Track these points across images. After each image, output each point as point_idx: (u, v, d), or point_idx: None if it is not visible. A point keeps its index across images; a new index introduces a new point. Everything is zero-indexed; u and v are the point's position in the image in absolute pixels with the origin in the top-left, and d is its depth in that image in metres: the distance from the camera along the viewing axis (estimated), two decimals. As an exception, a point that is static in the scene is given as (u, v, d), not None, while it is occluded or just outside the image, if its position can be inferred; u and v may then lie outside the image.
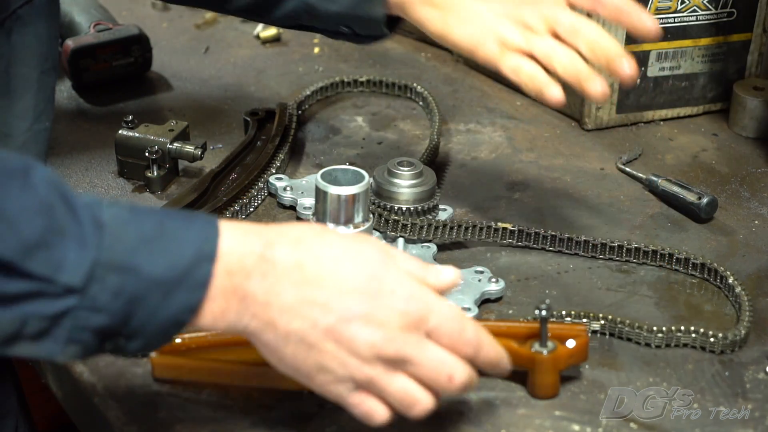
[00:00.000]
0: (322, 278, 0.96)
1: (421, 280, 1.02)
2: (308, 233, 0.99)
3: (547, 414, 1.14)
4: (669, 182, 1.48)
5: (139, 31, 1.74)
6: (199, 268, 0.93)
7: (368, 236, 1.05)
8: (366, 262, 0.98)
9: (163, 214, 0.96)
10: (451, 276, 1.04)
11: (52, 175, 0.93)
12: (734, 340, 1.22)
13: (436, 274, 1.03)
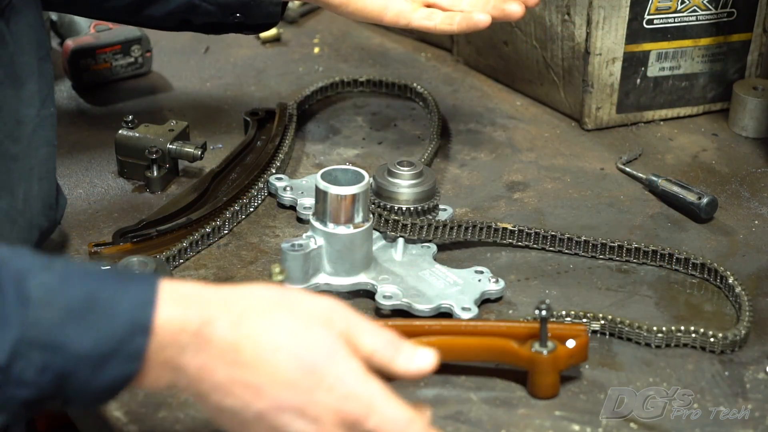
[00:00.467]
0: (258, 364, 0.91)
1: (386, 364, 0.96)
2: (255, 310, 0.93)
3: (547, 414, 1.14)
4: (669, 182, 1.48)
5: (139, 31, 1.74)
6: (132, 341, 0.90)
7: (327, 316, 0.94)
8: (308, 352, 0.92)
9: (98, 279, 0.91)
10: (426, 363, 0.97)
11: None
12: (734, 340, 1.22)
13: (406, 358, 0.96)
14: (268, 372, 0.91)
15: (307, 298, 0.96)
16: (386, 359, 0.96)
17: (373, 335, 0.96)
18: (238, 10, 1.43)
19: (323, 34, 1.93)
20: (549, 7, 1.62)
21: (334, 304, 0.97)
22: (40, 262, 0.91)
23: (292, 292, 0.97)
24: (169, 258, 1.32)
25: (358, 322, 0.96)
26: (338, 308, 0.96)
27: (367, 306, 1.29)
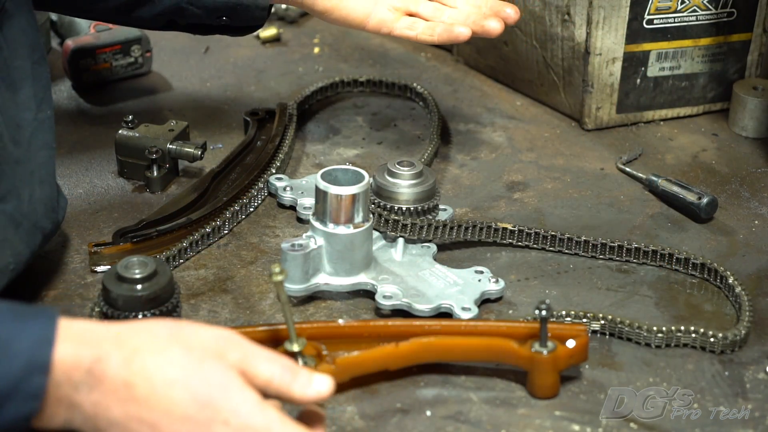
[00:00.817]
0: (152, 400, 0.92)
1: (284, 391, 0.97)
2: (148, 346, 0.94)
3: (547, 414, 1.14)
4: (669, 182, 1.48)
5: (139, 31, 1.74)
6: (31, 380, 0.90)
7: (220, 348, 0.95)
8: (202, 386, 0.93)
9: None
10: (322, 389, 0.98)
11: None
12: (734, 340, 1.22)
13: (303, 384, 0.97)
14: (163, 407, 0.92)
15: (201, 331, 0.97)
16: (284, 386, 0.97)
17: (268, 363, 0.97)
18: (225, 13, 1.44)
19: (323, 34, 1.93)
20: (549, 7, 1.62)
21: (228, 335, 0.98)
22: None
23: (186, 326, 0.98)
24: (169, 258, 1.32)
25: (252, 351, 0.97)
26: (232, 339, 0.97)
27: (367, 306, 1.29)
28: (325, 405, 1.05)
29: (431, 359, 1.18)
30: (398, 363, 1.17)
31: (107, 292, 1.20)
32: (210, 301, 1.29)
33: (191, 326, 0.98)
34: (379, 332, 1.19)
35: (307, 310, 1.28)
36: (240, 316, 1.27)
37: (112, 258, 1.32)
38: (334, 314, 1.28)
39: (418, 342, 1.16)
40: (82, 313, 1.26)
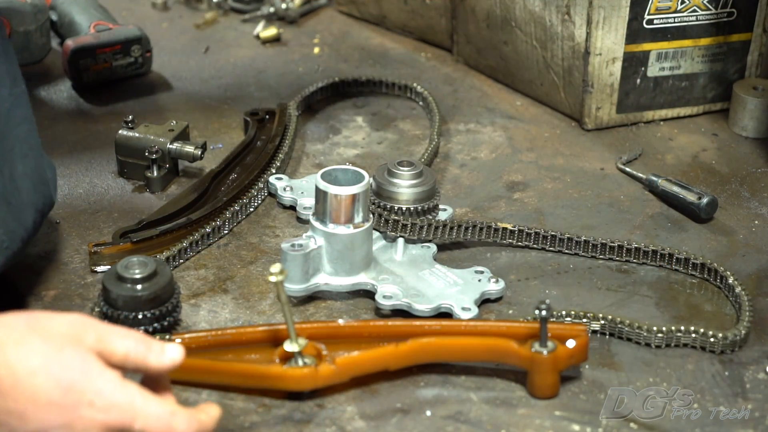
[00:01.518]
0: (17, 390, 0.95)
1: (141, 363, 1.00)
2: (7, 340, 0.96)
3: (547, 414, 1.14)
4: (669, 182, 1.48)
5: (139, 31, 1.74)
6: None
7: (76, 334, 0.98)
8: (64, 372, 0.95)
9: None
10: (174, 355, 1.01)
11: None
12: (734, 340, 1.22)
13: (157, 354, 1.01)
14: (28, 397, 0.94)
15: (56, 319, 0.99)
16: (140, 358, 1.00)
17: (122, 339, 1.00)
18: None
19: (323, 34, 1.93)
20: (549, 7, 1.62)
21: (82, 320, 1.00)
22: None
23: (41, 316, 0.99)
24: (169, 258, 1.32)
25: (106, 331, 1.00)
26: (86, 323, 0.99)
27: (367, 306, 1.29)
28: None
29: (431, 359, 1.18)
30: (398, 363, 1.17)
31: (107, 292, 1.20)
32: (210, 301, 1.29)
33: (46, 315, 1.00)
34: (379, 332, 1.19)
35: (307, 310, 1.28)
36: (240, 316, 1.27)
37: (112, 258, 1.31)
38: (334, 314, 1.28)
39: (418, 342, 1.16)
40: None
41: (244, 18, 1.97)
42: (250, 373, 1.14)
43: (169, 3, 2.02)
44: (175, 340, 1.17)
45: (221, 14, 1.99)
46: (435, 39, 1.88)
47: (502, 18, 1.70)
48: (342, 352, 1.16)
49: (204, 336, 1.18)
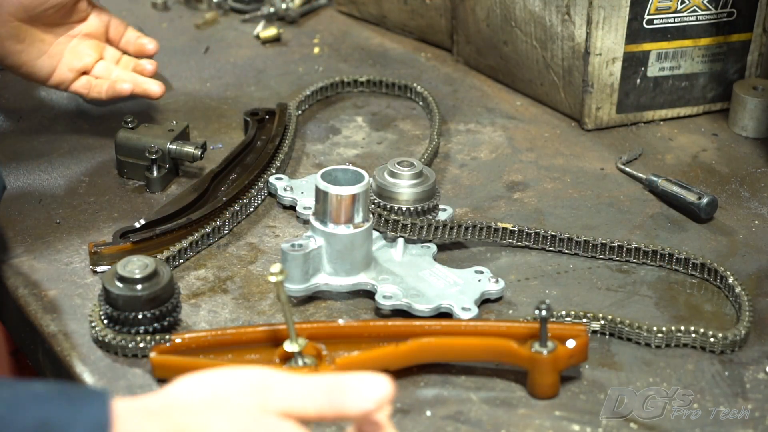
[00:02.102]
0: None
1: (339, 413, 0.92)
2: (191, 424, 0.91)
3: (547, 414, 1.14)
4: (669, 182, 1.48)
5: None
6: None
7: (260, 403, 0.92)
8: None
9: (48, 403, 0.89)
10: (377, 394, 0.92)
11: None
12: (734, 340, 1.22)
13: (356, 400, 0.92)
14: None
15: (236, 390, 0.93)
16: (336, 410, 0.93)
17: (311, 396, 0.93)
18: None
19: (323, 34, 1.93)
20: (549, 7, 1.62)
21: (263, 384, 0.94)
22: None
23: (220, 385, 0.94)
24: (169, 258, 1.32)
25: (292, 391, 0.93)
26: (268, 387, 0.93)
27: (367, 306, 1.29)
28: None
29: (431, 359, 1.18)
30: (398, 363, 1.17)
31: (107, 292, 1.20)
32: (210, 301, 1.29)
33: (226, 384, 0.94)
34: (379, 332, 1.19)
35: (307, 310, 1.28)
36: (240, 316, 1.27)
37: (112, 258, 1.31)
38: (334, 314, 1.28)
39: (418, 342, 1.16)
40: (82, 314, 1.26)
41: (244, 18, 1.97)
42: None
43: (169, 3, 2.02)
44: (176, 339, 1.17)
45: (221, 14, 1.99)
46: (435, 39, 1.88)
47: (502, 18, 1.70)
48: (342, 352, 1.16)
49: (204, 336, 1.18)
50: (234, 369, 0.95)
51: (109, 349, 1.20)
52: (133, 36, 1.56)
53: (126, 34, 1.55)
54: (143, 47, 1.55)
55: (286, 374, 0.95)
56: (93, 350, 1.21)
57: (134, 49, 1.56)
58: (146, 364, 1.18)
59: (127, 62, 1.55)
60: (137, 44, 1.55)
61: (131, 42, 1.55)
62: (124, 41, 1.55)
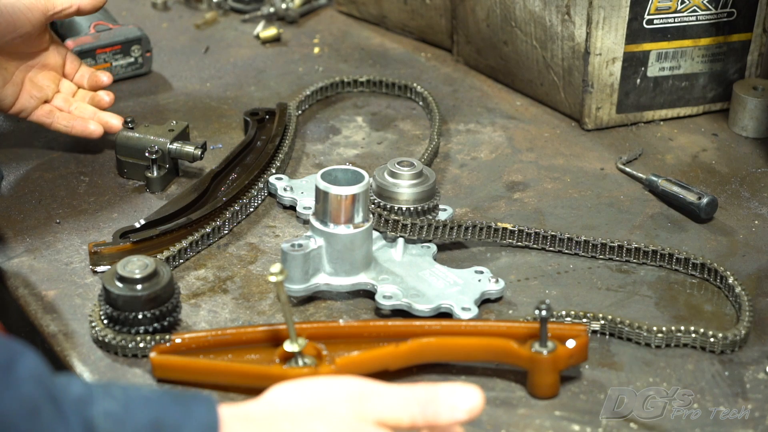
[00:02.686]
0: None
1: (432, 423, 0.97)
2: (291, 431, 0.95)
3: (547, 414, 1.14)
4: (669, 182, 1.48)
5: (139, 31, 1.74)
6: None
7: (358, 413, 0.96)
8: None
9: (160, 403, 0.91)
10: (470, 405, 0.96)
11: (39, 368, 0.87)
12: (734, 340, 1.22)
13: (449, 410, 0.96)
14: None
15: (334, 399, 0.97)
16: (429, 420, 0.96)
17: (405, 408, 0.97)
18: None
19: (323, 34, 1.93)
20: (549, 7, 1.62)
21: (360, 394, 0.97)
22: (99, 389, 0.90)
23: (320, 394, 0.98)
24: (169, 258, 1.32)
25: (387, 402, 0.97)
26: (365, 397, 0.97)
27: (367, 306, 1.29)
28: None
29: (431, 359, 1.18)
30: (398, 363, 1.17)
31: (107, 292, 1.20)
32: (210, 301, 1.29)
33: (324, 393, 0.98)
34: (379, 332, 1.19)
35: (307, 310, 1.28)
36: (240, 316, 1.27)
37: (112, 258, 1.31)
38: (334, 314, 1.28)
39: (418, 342, 1.16)
40: (82, 314, 1.26)
41: (244, 18, 1.97)
42: (250, 373, 1.14)
43: (169, 3, 2.02)
44: (176, 339, 1.17)
45: (221, 14, 1.99)
46: (435, 39, 1.88)
47: (502, 18, 1.70)
48: (342, 352, 1.16)
49: (204, 336, 1.18)
50: (331, 378, 1.00)
51: (109, 349, 1.20)
52: (87, 71, 1.56)
53: (80, 68, 1.57)
54: (98, 79, 1.56)
55: (382, 384, 0.99)
56: (93, 350, 1.21)
57: (89, 82, 1.56)
58: (146, 364, 1.18)
59: (83, 95, 1.56)
60: (92, 77, 1.56)
61: (85, 76, 1.56)
62: (79, 75, 1.56)
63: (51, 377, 0.88)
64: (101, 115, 1.53)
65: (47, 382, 0.87)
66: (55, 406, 0.86)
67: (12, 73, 1.48)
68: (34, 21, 1.45)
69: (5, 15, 1.42)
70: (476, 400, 0.96)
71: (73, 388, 0.89)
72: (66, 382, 0.89)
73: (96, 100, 1.55)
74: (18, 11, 1.43)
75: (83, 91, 1.56)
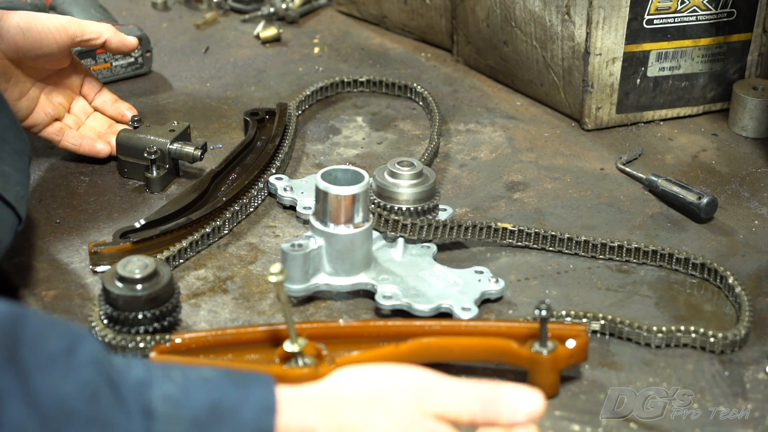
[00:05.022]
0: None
1: (492, 421, 0.97)
2: (351, 420, 0.94)
3: (547, 414, 1.14)
4: (669, 182, 1.48)
5: (139, 31, 1.74)
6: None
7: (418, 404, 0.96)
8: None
9: (218, 385, 0.92)
10: (531, 408, 0.97)
11: (99, 352, 0.88)
12: (734, 340, 1.22)
13: (510, 411, 0.97)
14: None
15: (395, 389, 0.97)
16: (489, 418, 0.97)
17: (467, 403, 0.97)
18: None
19: (323, 34, 1.93)
20: (549, 7, 1.62)
21: (422, 385, 0.97)
22: (159, 371, 0.91)
23: (381, 383, 0.98)
24: (169, 258, 1.32)
25: (447, 395, 0.97)
26: (426, 389, 0.97)
27: (367, 306, 1.29)
28: None
29: (431, 359, 1.18)
30: (398, 363, 1.16)
31: (107, 292, 1.20)
32: (210, 301, 1.29)
33: (386, 381, 0.98)
34: (379, 332, 1.19)
35: (307, 310, 1.28)
36: (240, 316, 1.27)
37: (112, 258, 1.31)
38: (334, 314, 1.28)
39: (418, 342, 1.16)
40: (82, 314, 1.26)
41: (244, 18, 1.97)
42: (250, 373, 1.14)
43: (169, 3, 2.02)
44: (176, 339, 1.17)
45: (221, 14, 1.99)
46: (435, 39, 1.88)
47: (502, 18, 1.70)
48: (342, 352, 1.16)
49: (204, 336, 1.18)
50: (393, 367, 1.00)
51: (109, 349, 1.20)
52: (109, 98, 1.58)
53: (102, 93, 1.58)
54: (123, 114, 1.57)
55: (444, 377, 0.99)
56: (93, 350, 1.21)
57: (113, 112, 1.57)
58: (146, 364, 1.18)
59: (100, 121, 1.57)
60: (116, 109, 1.57)
61: (108, 104, 1.57)
62: (101, 100, 1.57)
63: (111, 361, 0.89)
64: (109, 134, 1.54)
65: (107, 366, 0.88)
66: (114, 390, 0.87)
67: (29, 88, 1.49)
68: (61, 43, 1.46)
69: (34, 33, 1.44)
70: (538, 404, 0.97)
71: (133, 372, 0.90)
72: (126, 366, 0.90)
73: (119, 114, 1.57)
74: (47, 31, 1.45)
75: (100, 116, 1.58)
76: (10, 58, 1.45)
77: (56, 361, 0.86)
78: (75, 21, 1.49)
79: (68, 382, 0.85)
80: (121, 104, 1.58)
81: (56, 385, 0.85)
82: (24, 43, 1.43)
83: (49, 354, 0.86)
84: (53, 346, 0.86)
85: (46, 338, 0.86)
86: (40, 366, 0.85)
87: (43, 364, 0.85)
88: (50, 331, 0.87)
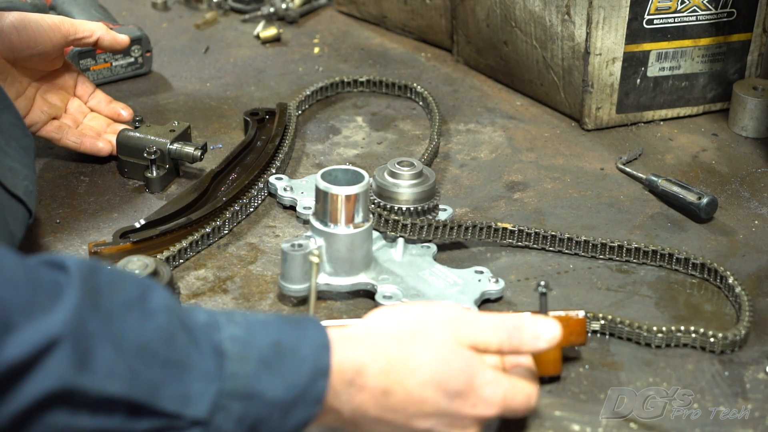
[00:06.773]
0: (408, 404, 1.01)
1: (516, 351, 1.06)
2: (398, 355, 1.01)
3: (547, 414, 1.14)
4: (669, 182, 1.48)
5: (139, 31, 1.74)
6: (315, 385, 0.96)
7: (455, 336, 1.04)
8: (451, 383, 1.01)
9: (277, 326, 0.97)
10: (551, 335, 1.06)
11: (168, 299, 0.93)
12: (734, 340, 1.22)
13: (532, 340, 1.06)
14: (418, 408, 1.01)
15: (433, 323, 1.04)
16: (514, 347, 1.06)
17: (495, 333, 1.06)
18: None
19: (323, 34, 1.93)
20: (549, 7, 1.62)
21: (456, 319, 1.06)
22: (222, 316, 0.96)
23: (420, 319, 1.05)
24: (169, 258, 1.32)
25: (479, 327, 1.05)
26: (461, 322, 1.05)
27: (367, 306, 1.29)
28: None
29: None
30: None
31: (107, 292, 1.20)
32: (210, 301, 1.29)
33: (424, 317, 1.05)
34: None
35: (307, 310, 1.28)
36: (240, 316, 1.27)
37: (113, 258, 1.31)
38: (334, 314, 1.28)
39: None
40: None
41: (244, 18, 1.97)
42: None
43: (169, 3, 2.02)
44: None
45: (221, 14, 1.99)
46: (435, 39, 1.88)
47: (502, 18, 1.70)
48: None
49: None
50: (430, 304, 1.09)
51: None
52: (104, 99, 1.58)
53: (96, 94, 1.58)
54: (118, 113, 1.58)
55: (473, 312, 1.08)
56: (93, 350, 1.21)
57: (109, 113, 1.58)
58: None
59: (99, 120, 1.57)
60: (111, 109, 1.58)
61: (103, 104, 1.58)
62: (95, 101, 1.58)
63: (180, 307, 0.94)
64: (108, 134, 1.55)
65: (178, 311, 0.93)
66: (187, 332, 0.92)
67: (25, 88, 1.50)
68: (55, 42, 1.47)
69: (29, 31, 1.44)
70: (556, 331, 1.06)
71: (200, 317, 0.95)
72: (193, 311, 0.95)
73: (115, 113, 1.58)
74: (41, 29, 1.45)
75: (97, 115, 1.58)
76: (6, 57, 1.45)
77: (132, 308, 0.90)
78: (68, 20, 1.50)
79: (146, 326, 0.90)
80: (116, 104, 1.58)
81: (136, 330, 0.89)
82: (19, 41, 1.44)
83: (124, 302, 0.90)
84: (127, 295, 0.91)
85: (120, 287, 0.91)
86: (119, 312, 0.89)
87: (120, 310, 0.89)
88: (123, 281, 0.92)
